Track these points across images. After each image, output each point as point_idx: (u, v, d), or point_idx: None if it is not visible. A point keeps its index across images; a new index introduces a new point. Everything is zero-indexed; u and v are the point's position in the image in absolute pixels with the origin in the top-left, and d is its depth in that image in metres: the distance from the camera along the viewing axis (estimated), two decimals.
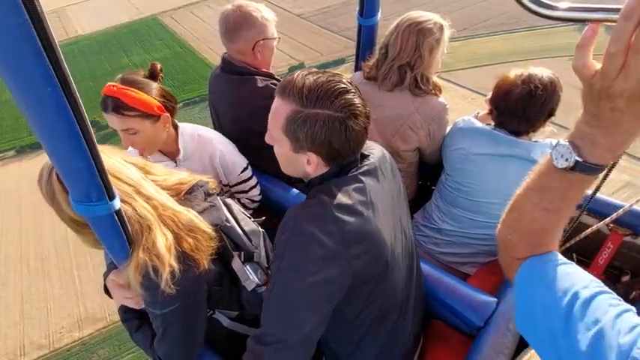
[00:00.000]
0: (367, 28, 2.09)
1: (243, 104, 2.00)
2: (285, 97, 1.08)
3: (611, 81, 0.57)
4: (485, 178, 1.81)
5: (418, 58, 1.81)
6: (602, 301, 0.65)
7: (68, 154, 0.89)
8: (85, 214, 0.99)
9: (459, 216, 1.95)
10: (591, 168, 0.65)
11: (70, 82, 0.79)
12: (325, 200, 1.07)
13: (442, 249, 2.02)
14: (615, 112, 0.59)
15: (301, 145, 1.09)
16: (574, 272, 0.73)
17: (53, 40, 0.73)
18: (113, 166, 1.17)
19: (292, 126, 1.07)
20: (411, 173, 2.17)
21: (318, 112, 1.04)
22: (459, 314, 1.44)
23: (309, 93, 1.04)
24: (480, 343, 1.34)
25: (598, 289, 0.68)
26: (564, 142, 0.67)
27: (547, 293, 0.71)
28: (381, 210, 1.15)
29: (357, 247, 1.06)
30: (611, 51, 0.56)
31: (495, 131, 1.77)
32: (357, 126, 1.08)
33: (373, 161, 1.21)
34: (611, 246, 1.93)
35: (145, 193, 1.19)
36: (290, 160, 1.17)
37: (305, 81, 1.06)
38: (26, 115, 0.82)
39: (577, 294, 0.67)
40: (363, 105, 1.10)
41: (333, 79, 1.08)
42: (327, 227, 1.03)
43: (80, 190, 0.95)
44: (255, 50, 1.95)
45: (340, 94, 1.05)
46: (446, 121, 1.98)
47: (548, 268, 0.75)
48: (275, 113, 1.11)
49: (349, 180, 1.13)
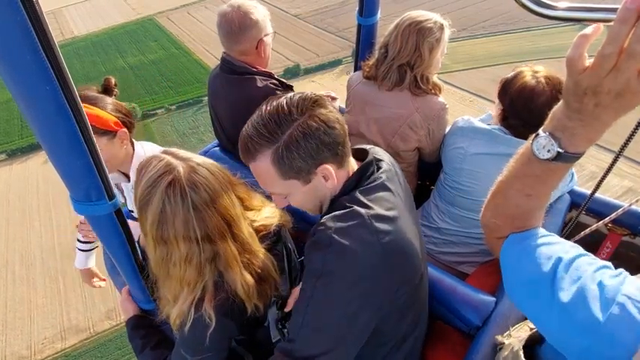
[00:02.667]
0: (367, 28, 2.09)
1: (242, 105, 1.99)
2: (255, 154, 1.04)
3: (600, 79, 0.59)
4: (484, 177, 1.81)
5: (418, 57, 1.81)
6: (581, 261, 0.71)
7: (67, 154, 0.89)
8: (85, 213, 0.99)
9: (457, 215, 1.95)
10: (572, 157, 0.69)
11: (69, 80, 0.79)
12: (360, 211, 1.03)
13: (441, 248, 2.02)
14: (598, 107, 0.62)
15: (306, 170, 1.05)
16: (555, 242, 0.78)
17: (52, 38, 0.73)
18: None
19: (284, 164, 1.02)
20: (411, 173, 2.17)
21: (290, 131, 1.01)
22: (457, 314, 1.44)
23: (267, 129, 1.01)
24: (479, 342, 1.34)
25: (578, 253, 0.73)
26: (544, 134, 0.70)
27: (531, 262, 0.76)
28: (405, 215, 1.13)
29: (396, 258, 1.05)
30: (606, 52, 0.57)
31: (494, 131, 1.77)
32: (325, 109, 1.04)
33: (389, 166, 1.19)
34: (610, 246, 1.93)
35: (236, 232, 1.12)
36: (311, 194, 1.12)
37: (255, 127, 1.03)
38: (25, 114, 0.82)
39: (560, 258, 0.72)
40: (312, 92, 1.07)
41: (269, 104, 1.06)
42: (366, 239, 1.01)
43: (80, 190, 0.95)
44: (260, 48, 1.95)
45: (287, 103, 1.03)
46: (445, 121, 1.98)
47: (530, 240, 0.80)
48: (262, 175, 1.08)
49: (376, 188, 1.10)
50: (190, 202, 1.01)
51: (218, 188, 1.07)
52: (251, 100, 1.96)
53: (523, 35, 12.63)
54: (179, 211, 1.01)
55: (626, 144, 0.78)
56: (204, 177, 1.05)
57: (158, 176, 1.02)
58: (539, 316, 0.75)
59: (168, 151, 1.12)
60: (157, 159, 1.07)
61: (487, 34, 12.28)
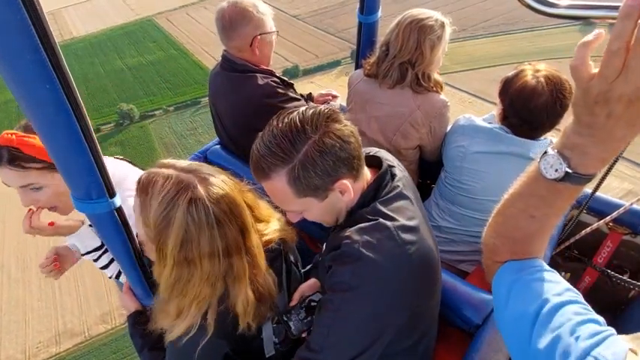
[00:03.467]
0: (367, 26, 2.09)
1: (243, 103, 1.99)
2: (269, 173, 1.00)
3: (610, 84, 0.55)
4: (485, 175, 1.82)
5: (419, 55, 1.81)
6: (569, 309, 0.65)
7: (68, 152, 0.89)
8: (86, 211, 0.99)
9: (458, 213, 1.95)
10: (581, 179, 0.64)
11: (70, 79, 0.79)
12: (386, 224, 1.02)
13: (441, 247, 2.02)
14: (611, 118, 0.57)
15: (323, 187, 1.03)
16: (551, 280, 0.72)
17: (52, 37, 0.73)
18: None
19: (301, 183, 1.00)
20: (412, 171, 2.17)
21: (305, 149, 0.98)
22: (457, 312, 1.44)
23: (281, 148, 0.97)
24: (479, 340, 1.34)
25: (569, 298, 0.67)
26: (553, 152, 0.65)
27: (520, 296, 0.71)
28: (423, 221, 1.12)
29: (422, 269, 1.05)
30: (613, 48, 0.54)
31: (495, 129, 1.77)
32: (340, 124, 1.02)
33: (402, 172, 1.18)
34: (611, 245, 1.93)
35: (248, 244, 1.08)
36: (328, 209, 1.11)
37: (268, 147, 0.99)
38: (26, 113, 0.82)
39: (547, 300, 0.67)
40: (325, 107, 1.04)
41: (279, 120, 1.02)
42: (395, 253, 1.00)
43: (81, 188, 0.95)
44: (254, 46, 1.94)
45: (300, 119, 0.99)
46: (447, 119, 1.98)
47: (525, 273, 0.74)
48: (277, 194, 1.05)
49: (396, 197, 1.09)
50: (214, 217, 0.97)
51: (234, 197, 1.03)
52: (252, 97, 1.97)
53: (524, 36, 12.58)
54: (204, 228, 0.96)
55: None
56: (221, 188, 1.01)
57: (174, 195, 0.96)
58: (516, 355, 0.71)
59: (167, 164, 1.05)
60: (161, 177, 0.99)
61: (487, 35, 12.24)
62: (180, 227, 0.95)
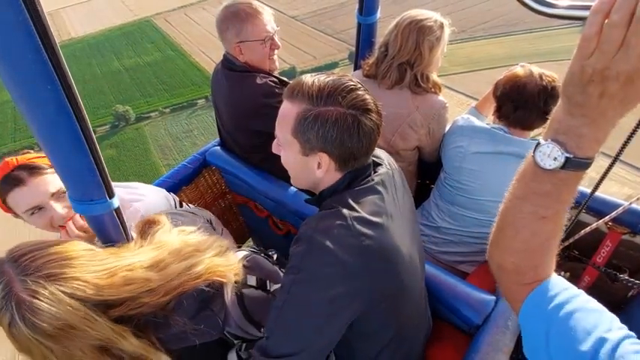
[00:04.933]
0: (367, 27, 2.09)
1: (241, 102, 2.00)
2: (294, 98, 1.05)
3: (609, 61, 0.53)
4: (484, 176, 1.82)
5: (418, 56, 1.81)
6: (627, 347, 0.61)
7: (68, 153, 0.88)
8: (85, 212, 0.99)
9: (457, 214, 1.96)
10: (582, 163, 0.61)
11: (70, 80, 0.79)
12: (344, 213, 1.03)
13: (441, 248, 2.03)
14: (604, 97, 0.56)
15: (312, 145, 1.06)
16: (591, 309, 0.67)
17: (53, 38, 0.73)
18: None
19: (302, 126, 1.04)
20: (411, 172, 2.17)
21: (330, 109, 1.02)
22: (457, 313, 1.44)
23: (318, 91, 1.02)
24: (479, 341, 1.34)
25: (622, 335, 0.63)
26: (546, 142, 0.63)
27: (566, 335, 0.65)
28: (397, 222, 1.12)
29: (376, 264, 1.04)
30: (613, 20, 0.52)
31: (494, 130, 1.77)
32: (369, 122, 1.06)
33: (387, 170, 1.18)
34: (610, 244, 1.93)
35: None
36: (300, 165, 1.13)
37: (314, 80, 1.05)
38: (25, 115, 0.81)
39: (603, 340, 0.62)
40: (374, 102, 1.09)
41: (342, 77, 1.07)
42: (347, 241, 1.00)
43: (81, 189, 0.95)
44: (237, 52, 1.93)
45: (351, 90, 1.04)
46: (445, 120, 1.98)
47: (559, 306, 0.68)
48: (284, 116, 1.08)
49: (366, 191, 1.10)
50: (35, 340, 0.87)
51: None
52: (249, 96, 1.97)
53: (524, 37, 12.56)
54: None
55: (631, 136, 0.75)
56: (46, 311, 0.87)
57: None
58: None
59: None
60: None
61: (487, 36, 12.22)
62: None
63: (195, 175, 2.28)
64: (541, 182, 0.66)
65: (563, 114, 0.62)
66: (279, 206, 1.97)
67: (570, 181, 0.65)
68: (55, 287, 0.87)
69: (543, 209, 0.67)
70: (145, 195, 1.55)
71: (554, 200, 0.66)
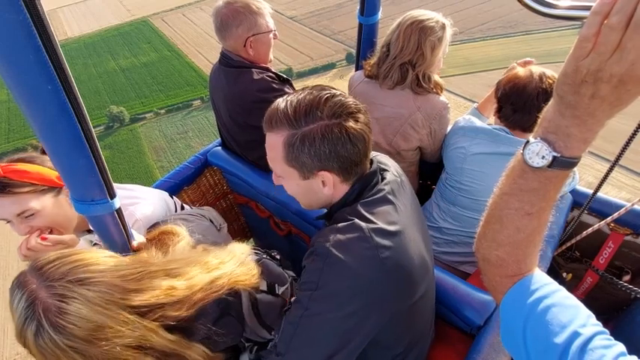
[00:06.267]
0: (368, 27, 2.09)
1: (239, 97, 1.99)
2: (274, 127, 1.03)
3: (604, 62, 0.54)
4: (485, 177, 1.82)
5: (420, 56, 1.81)
6: (598, 343, 0.64)
7: (69, 153, 0.88)
8: (87, 213, 0.98)
9: (459, 215, 1.95)
10: (569, 162, 0.63)
11: (71, 80, 0.79)
12: (361, 225, 1.00)
13: (442, 248, 2.02)
14: (595, 99, 0.57)
15: (309, 167, 1.04)
16: (569, 305, 0.69)
17: (53, 37, 0.72)
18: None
19: (293, 152, 1.02)
20: (412, 173, 2.17)
21: (312, 126, 0.99)
22: (459, 313, 1.44)
23: (295, 113, 1.00)
24: (481, 342, 1.34)
25: (595, 330, 0.65)
26: (536, 140, 0.65)
27: (542, 327, 0.67)
28: (410, 231, 1.10)
29: (396, 274, 1.01)
30: (612, 22, 0.52)
31: (495, 130, 1.77)
32: (356, 124, 1.02)
33: (395, 178, 1.16)
34: (612, 245, 1.93)
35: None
36: (305, 190, 1.11)
37: (286, 104, 1.02)
38: (26, 114, 0.81)
39: (576, 334, 0.64)
40: (354, 102, 1.05)
41: (312, 90, 1.04)
42: (365, 254, 0.98)
43: (81, 189, 0.94)
44: (247, 47, 1.92)
45: (327, 100, 1.01)
46: (447, 120, 1.98)
47: (539, 299, 0.70)
48: (271, 149, 1.06)
49: (378, 201, 1.07)
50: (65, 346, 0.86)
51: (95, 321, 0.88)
52: (246, 91, 1.96)
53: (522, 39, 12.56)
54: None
55: (630, 140, 0.76)
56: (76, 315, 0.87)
57: (22, 323, 0.86)
58: None
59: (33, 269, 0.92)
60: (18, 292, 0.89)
61: (485, 38, 12.21)
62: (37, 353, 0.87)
63: (196, 175, 2.27)
64: (528, 179, 0.68)
65: (553, 113, 0.63)
66: (281, 207, 1.96)
67: (556, 179, 0.67)
68: (84, 289, 0.87)
69: (529, 206, 0.69)
70: (140, 198, 1.54)
71: (540, 197, 0.68)
